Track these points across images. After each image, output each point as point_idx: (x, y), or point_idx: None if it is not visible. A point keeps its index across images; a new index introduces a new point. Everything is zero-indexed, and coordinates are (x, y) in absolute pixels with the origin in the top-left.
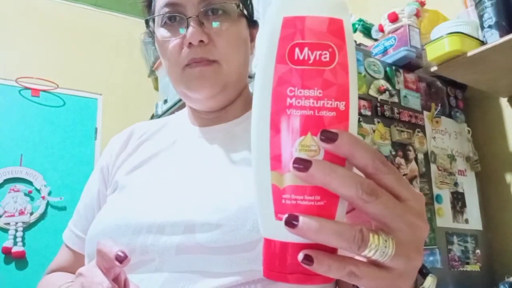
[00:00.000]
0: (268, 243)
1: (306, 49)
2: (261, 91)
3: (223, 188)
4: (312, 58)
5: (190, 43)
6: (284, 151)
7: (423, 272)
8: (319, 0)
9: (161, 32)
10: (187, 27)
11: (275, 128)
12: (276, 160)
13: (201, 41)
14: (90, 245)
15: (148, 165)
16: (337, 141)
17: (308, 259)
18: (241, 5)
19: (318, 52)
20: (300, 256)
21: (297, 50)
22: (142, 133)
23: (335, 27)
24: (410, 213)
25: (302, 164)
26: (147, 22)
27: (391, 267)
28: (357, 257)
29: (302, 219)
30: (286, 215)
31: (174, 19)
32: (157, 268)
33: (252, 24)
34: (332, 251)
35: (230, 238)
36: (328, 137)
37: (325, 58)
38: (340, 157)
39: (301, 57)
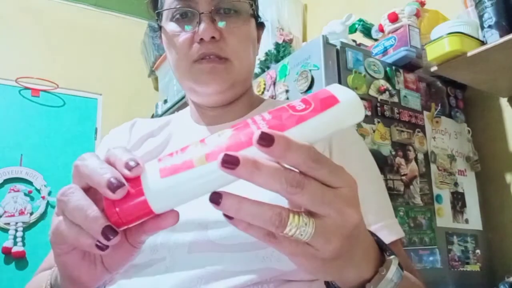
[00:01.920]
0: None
1: (300, 102)
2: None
3: (234, 185)
4: (295, 104)
5: (201, 39)
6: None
7: (386, 253)
8: (345, 89)
9: (171, 27)
10: (199, 23)
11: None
12: None
13: (213, 37)
14: None
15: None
16: (273, 145)
17: (229, 216)
18: (253, 5)
19: (300, 103)
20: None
21: (298, 102)
22: (146, 129)
23: (328, 100)
24: (340, 200)
25: (231, 162)
26: (158, 15)
27: (310, 244)
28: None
29: (224, 199)
30: (213, 194)
31: (185, 15)
32: (168, 268)
33: (260, 25)
34: None
35: (244, 235)
36: (263, 142)
37: (299, 107)
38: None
39: (294, 104)
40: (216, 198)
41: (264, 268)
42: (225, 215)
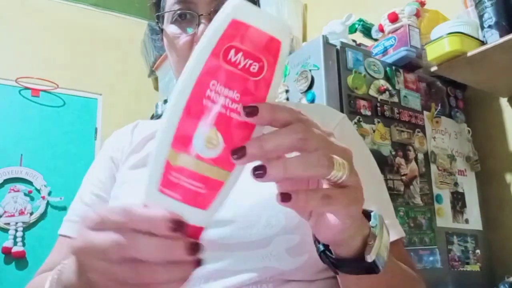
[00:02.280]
0: None
1: (240, 54)
2: (188, 74)
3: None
4: (242, 64)
5: None
6: (188, 134)
7: (367, 213)
8: (267, 16)
9: (171, 29)
10: (198, 24)
11: (187, 111)
12: (178, 140)
13: None
14: None
15: None
16: (259, 113)
17: (285, 197)
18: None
19: (249, 61)
20: (278, 198)
21: (232, 51)
22: (148, 131)
23: (272, 46)
24: (336, 142)
25: (251, 112)
26: (157, 17)
27: (349, 184)
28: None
29: (269, 168)
30: (255, 168)
31: (185, 17)
32: None
33: None
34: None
35: (244, 234)
36: (250, 111)
37: (253, 68)
38: (241, 137)
39: (233, 59)
40: (260, 172)
41: (263, 267)
42: (282, 199)
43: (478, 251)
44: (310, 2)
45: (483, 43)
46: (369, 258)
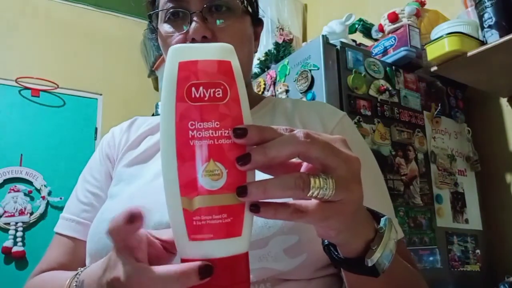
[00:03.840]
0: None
1: (201, 88)
2: (165, 126)
3: None
4: (207, 95)
5: (193, 39)
6: (191, 177)
7: (378, 217)
8: (208, 46)
9: (165, 28)
10: (190, 22)
11: (181, 158)
12: (185, 187)
13: (204, 37)
14: (94, 242)
15: (151, 162)
16: (248, 134)
17: (255, 207)
18: (245, 1)
19: (212, 90)
20: (248, 207)
21: (193, 89)
22: (146, 126)
23: (224, 68)
24: (340, 150)
25: (240, 134)
26: (150, 17)
27: (335, 200)
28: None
29: (249, 188)
30: (238, 188)
31: (177, 15)
32: None
33: (257, 22)
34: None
35: None
36: (239, 133)
37: (218, 94)
38: (241, 174)
39: (197, 95)
40: (242, 190)
41: (260, 268)
42: (252, 209)
43: (478, 251)
44: (310, 2)
45: (483, 43)
46: (369, 262)
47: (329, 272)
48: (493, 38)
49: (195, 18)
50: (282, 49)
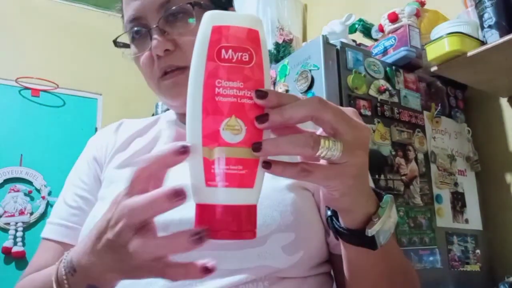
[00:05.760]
0: (200, 207)
1: (230, 51)
2: (195, 82)
3: None
4: (235, 57)
5: (157, 55)
6: (214, 129)
7: (380, 195)
8: (240, 15)
9: (132, 49)
10: (151, 39)
11: (206, 112)
12: (207, 137)
13: (167, 50)
14: None
15: None
16: (268, 97)
17: (267, 164)
18: (201, 1)
19: (240, 53)
20: (261, 164)
21: (223, 51)
22: (133, 128)
23: (252, 36)
24: (351, 119)
25: (261, 96)
26: (115, 43)
27: (340, 162)
28: None
29: (264, 143)
30: (254, 144)
31: (139, 33)
32: None
33: (224, 7)
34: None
35: None
36: (260, 95)
37: (245, 58)
38: (258, 132)
39: (226, 56)
40: (257, 146)
41: (259, 266)
42: (264, 166)
43: (478, 251)
44: (310, 2)
45: (483, 43)
46: (369, 232)
47: (322, 270)
48: (493, 38)
49: (154, 35)
50: (282, 49)
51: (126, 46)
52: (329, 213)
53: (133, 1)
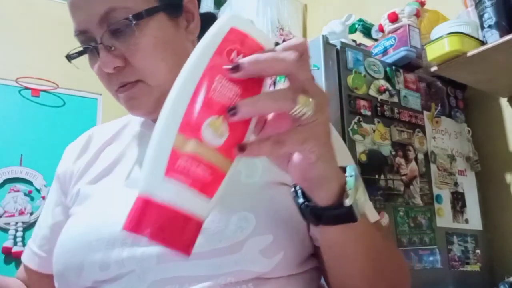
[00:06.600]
0: (144, 202)
1: (240, 56)
2: (196, 62)
3: None
4: None
5: (108, 73)
6: (197, 121)
7: (344, 169)
8: (257, 29)
9: (89, 63)
10: (98, 53)
11: (194, 100)
12: (187, 125)
13: (117, 67)
14: (59, 263)
15: (114, 172)
16: (244, 67)
17: (241, 147)
18: (143, 10)
19: None
20: (236, 151)
21: (234, 53)
22: (103, 138)
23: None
24: (315, 83)
25: (235, 68)
26: (69, 57)
27: (311, 121)
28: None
29: (240, 105)
30: (228, 107)
31: (87, 48)
32: (140, 277)
33: (175, 10)
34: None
35: (214, 241)
36: (235, 68)
37: None
38: (242, 127)
39: (235, 59)
40: (233, 111)
41: (239, 270)
42: (239, 149)
43: (478, 251)
44: (310, 2)
45: (483, 43)
46: (347, 202)
47: (308, 267)
48: (493, 38)
49: (100, 52)
50: None
51: (81, 54)
52: (301, 200)
53: (76, 11)
